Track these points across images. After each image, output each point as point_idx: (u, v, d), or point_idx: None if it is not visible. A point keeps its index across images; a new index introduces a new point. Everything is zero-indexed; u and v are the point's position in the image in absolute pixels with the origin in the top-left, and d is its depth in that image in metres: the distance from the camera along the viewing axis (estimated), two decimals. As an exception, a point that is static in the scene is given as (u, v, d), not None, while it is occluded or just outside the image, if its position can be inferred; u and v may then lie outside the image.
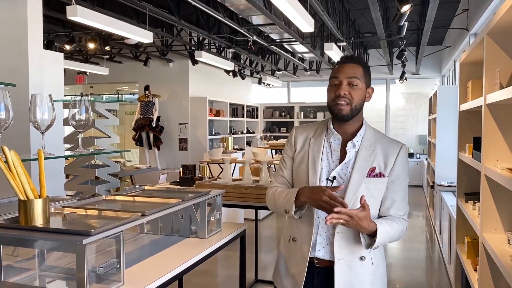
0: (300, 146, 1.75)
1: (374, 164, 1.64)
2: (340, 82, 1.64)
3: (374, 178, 1.63)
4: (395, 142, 1.71)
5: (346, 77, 1.63)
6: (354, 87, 1.63)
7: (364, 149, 1.66)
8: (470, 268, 2.67)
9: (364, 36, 9.10)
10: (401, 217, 1.67)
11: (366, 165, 1.64)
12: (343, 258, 1.62)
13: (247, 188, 3.16)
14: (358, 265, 1.63)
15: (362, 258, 1.64)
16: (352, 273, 1.63)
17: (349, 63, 1.66)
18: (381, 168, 1.65)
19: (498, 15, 1.84)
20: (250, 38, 7.02)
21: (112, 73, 9.26)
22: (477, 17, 5.37)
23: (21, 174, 1.39)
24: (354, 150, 1.67)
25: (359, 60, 1.69)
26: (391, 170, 1.65)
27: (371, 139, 1.68)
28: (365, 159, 1.64)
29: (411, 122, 12.07)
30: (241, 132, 11.05)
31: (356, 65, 1.66)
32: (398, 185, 1.66)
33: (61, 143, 2.56)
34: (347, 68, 1.65)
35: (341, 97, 1.62)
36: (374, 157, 1.65)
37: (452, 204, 3.98)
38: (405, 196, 1.69)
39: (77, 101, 1.88)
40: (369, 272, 1.65)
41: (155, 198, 1.94)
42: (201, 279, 4.25)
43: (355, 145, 1.67)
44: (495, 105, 2.06)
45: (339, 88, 1.63)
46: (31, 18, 3.95)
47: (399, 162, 1.66)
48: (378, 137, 1.71)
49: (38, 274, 1.55)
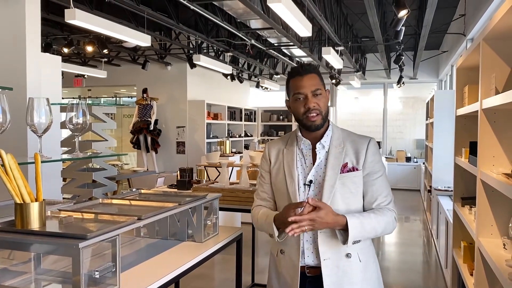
0: (274, 158, 1.78)
1: (346, 160, 1.67)
2: (305, 95, 1.65)
3: (348, 173, 1.65)
4: (363, 137, 1.74)
5: (310, 90, 1.64)
6: (319, 97, 1.66)
7: (334, 148, 1.69)
8: (466, 273, 2.67)
9: (361, 41, 9.13)
10: (385, 207, 1.66)
11: (338, 162, 1.66)
12: (329, 258, 1.62)
13: (244, 192, 3.16)
14: (345, 263, 1.63)
15: (348, 255, 1.63)
16: (339, 273, 1.62)
17: (307, 75, 1.66)
18: (353, 163, 1.67)
19: (494, 20, 1.85)
20: (248, 42, 7.04)
21: (110, 76, 9.26)
22: (474, 22, 5.40)
23: (17, 177, 1.39)
24: (324, 150, 1.70)
25: (312, 68, 1.70)
26: (364, 163, 1.67)
27: (339, 138, 1.72)
28: (336, 157, 1.67)
29: (409, 126, 12.09)
30: (238, 135, 11.06)
31: (313, 74, 1.67)
32: (374, 177, 1.68)
33: (58, 146, 2.55)
34: (307, 80, 1.65)
35: (311, 109, 1.64)
36: (345, 153, 1.68)
37: (449, 208, 3.99)
38: (385, 186, 1.70)
39: (74, 104, 1.88)
40: (358, 269, 1.64)
41: (152, 202, 1.94)
42: (197, 282, 4.24)
43: (323, 146, 1.70)
44: (491, 110, 2.07)
45: (307, 101, 1.64)
46: (29, 21, 3.96)
47: (370, 154, 1.68)
48: (345, 135, 1.74)
49: (34, 278, 1.55)
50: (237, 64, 9.90)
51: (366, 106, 12.45)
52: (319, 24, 5.96)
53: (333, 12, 6.50)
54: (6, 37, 3.95)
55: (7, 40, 3.95)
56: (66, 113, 1.90)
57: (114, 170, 2.69)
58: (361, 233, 1.57)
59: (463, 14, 6.11)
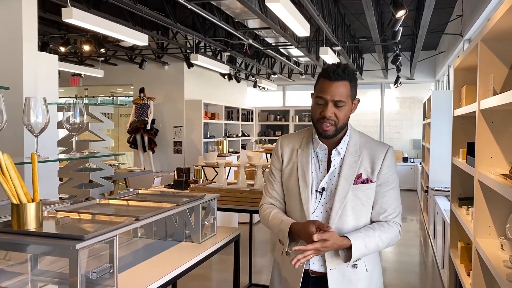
0: (287, 158, 1.71)
1: (361, 170, 1.61)
2: (325, 102, 1.55)
3: (361, 184, 1.60)
4: (381, 145, 1.67)
5: (332, 99, 1.54)
6: (340, 108, 1.56)
7: (350, 156, 1.63)
8: (463, 273, 2.68)
9: (359, 41, 9.14)
10: (392, 220, 1.64)
11: (352, 172, 1.61)
12: (335, 268, 1.60)
13: (242, 192, 3.16)
14: (351, 273, 1.61)
15: (355, 266, 1.61)
16: (345, 282, 1.60)
17: (336, 82, 1.54)
18: (368, 174, 1.62)
19: (492, 21, 1.85)
20: (246, 42, 7.03)
21: (107, 76, 9.23)
22: (471, 23, 5.41)
23: (14, 177, 1.38)
24: (339, 157, 1.64)
25: (347, 74, 1.56)
26: (379, 173, 1.62)
27: (357, 145, 1.65)
28: (351, 166, 1.61)
29: (406, 127, 12.12)
30: (236, 135, 11.05)
31: (344, 82, 1.55)
32: (387, 188, 1.64)
33: (55, 146, 2.54)
34: (335, 88, 1.54)
35: (326, 119, 1.56)
36: (360, 163, 1.62)
37: (446, 208, 3.99)
38: (395, 198, 1.66)
39: (71, 104, 1.87)
40: (364, 279, 1.63)
41: (149, 202, 1.93)
42: (195, 283, 4.23)
43: (339, 152, 1.64)
44: (488, 111, 2.07)
45: (325, 109, 1.55)
46: (26, 20, 3.94)
47: (386, 165, 1.63)
48: (363, 141, 1.67)
49: (30, 279, 1.54)
50: (234, 64, 9.88)
51: (363, 106, 12.45)
52: (317, 24, 5.96)
53: (330, 12, 6.51)
54: (2, 36, 3.93)
55: (4, 38, 3.93)
56: (63, 113, 1.89)
57: (111, 170, 2.68)
58: (364, 253, 1.57)
59: (460, 15, 6.13)
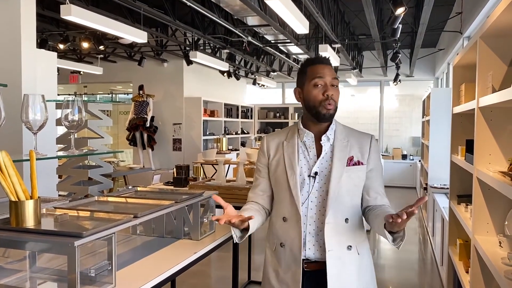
0: (273, 151, 1.78)
1: (352, 153, 1.70)
2: (325, 83, 1.67)
3: (353, 166, 1.69)
4: (364, 134, 1.78)
5: (330, 80, 1.68)
6: (335, 88, 1.70)
7: (339, 141, 1.72)
8: (462, 270, 2.68)
9: (358, 38, 9.13)
10: (389, 205, 1.73)
11: (344, 155, 1.69)
12: (332, 249, 1.63)
13: (241, 189, 3.16)
14: (346, 255, 1.65)
15: (349, 248, 1.66)
16: (339, 264, 1.63)
17: (328, 65, 1.71)
18: (358, 157, 1.71)
19: (491, 19, 1.85)
20: (245, 39, 7.02)
21: (106, 73, 9.22)
22: (470, 20, 5.40)
23: (12, 174, 1.38)
24: (329, 143, 1.72)
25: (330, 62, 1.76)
26: (368, 158, 1.72)
27: (343, 133, 1.75)
28: (341, 149, 1.70)
29: (405, 124, 12.11)
30: (235, 132, 11.05)
31: (331, 66, 1.73)
32: (376, 173, 1.74)
33: (54, 143, 2.54)
34: (329, 70, 1.69)
35: (329, 98, 1.66)
36: (350, 147, 1.71)
37: (445, 206, 3.99)
38: (382, 182, 1.78)
39: (70, 101, 1.86)
40: (355, 262, 1.67)
41: (148, 200, 1.94)
42: (194, 280, 4.24)
43: (329, 138, 1.72)
44: (487, 108, 2.07)
45: (327, 89, 1.67)
46: (25, 17, 3.93)
47: (373, 151, 1.74)
48: (348, 131, 1.78)
49: (29, 276, 1.54)
50: (233, 61, 9.87)
51: (362, 104, 12.46)
52: (316, 21, 5.94)
53: (330, 9, 6.50)
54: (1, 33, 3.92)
55: (3, 36, 3.92)
56: (62, 110, 1.89)
57: (110, 167, 2.68)
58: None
59: (459, 12, 6.12)
